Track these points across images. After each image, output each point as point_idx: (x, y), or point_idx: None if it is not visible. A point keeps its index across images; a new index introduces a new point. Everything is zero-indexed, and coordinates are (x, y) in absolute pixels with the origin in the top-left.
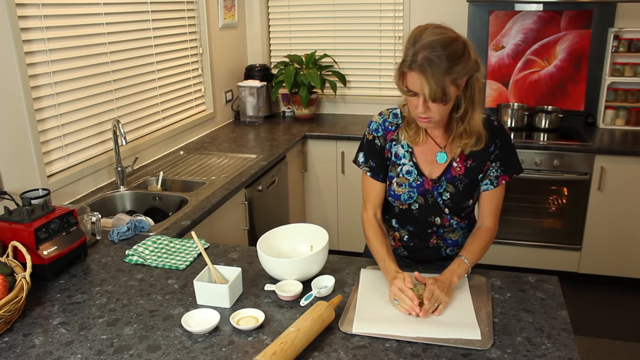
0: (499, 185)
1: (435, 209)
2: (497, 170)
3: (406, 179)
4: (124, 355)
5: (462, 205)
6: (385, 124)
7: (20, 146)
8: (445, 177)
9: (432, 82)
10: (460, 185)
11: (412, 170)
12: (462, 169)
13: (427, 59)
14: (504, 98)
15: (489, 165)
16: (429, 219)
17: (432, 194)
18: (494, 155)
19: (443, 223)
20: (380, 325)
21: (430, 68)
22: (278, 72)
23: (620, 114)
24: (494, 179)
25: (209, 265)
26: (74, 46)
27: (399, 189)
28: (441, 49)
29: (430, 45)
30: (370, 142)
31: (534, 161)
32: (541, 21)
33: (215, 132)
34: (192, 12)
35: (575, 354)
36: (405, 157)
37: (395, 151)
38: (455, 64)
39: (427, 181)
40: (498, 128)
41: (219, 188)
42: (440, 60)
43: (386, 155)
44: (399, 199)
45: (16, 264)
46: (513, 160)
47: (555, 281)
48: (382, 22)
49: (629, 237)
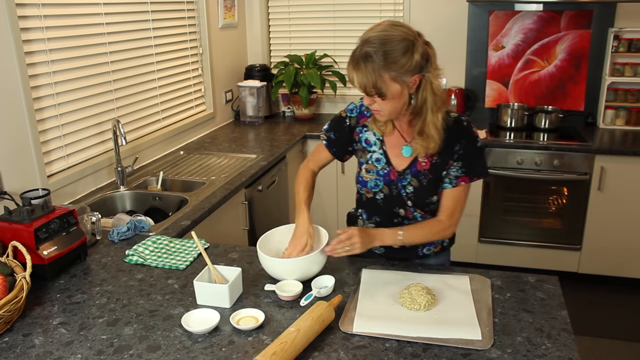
0: (457, 186)
1: (399, 201)
2: (458, 171)
3: (375, 166)
4: (124, 355)
5: (425, 200)
6: (361, 108)
7: (20, 146)
8: (410, 171)
9: (361, 76)
10: (425, 180)
11: (381, 158)
12: (427, 164)
13: (363, 53)
14: (504, 98)
15: (451, 163)
16: (393, 210)
17: (397, 186)
18: (458, 154)
19: (407, 215)
20: (381, 324)
21: (363, 62)
22: (278, 72)
23: (620, 114)
24: (453, 178)
25: (209, 265)
26: (74, 46)
27: (367, 176)
28: (379, 45)
29: (369, 40)
30: (340, 119)
31: (534, 161)
32: (541, 21)
33: (215, 132)
34: (192, 12)
35: (575, 354)
36: (376, 144)
37: (366, 137)
38: (392, 62)
39: (393, 172)
40: (465, 128)
41: (219, 188)
42: (376, 55)
43: (354, 137)
44: (366, 186)
45: (16, 264)
46: (477, 163)
47: (555, 281)
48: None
49: (629, 237)
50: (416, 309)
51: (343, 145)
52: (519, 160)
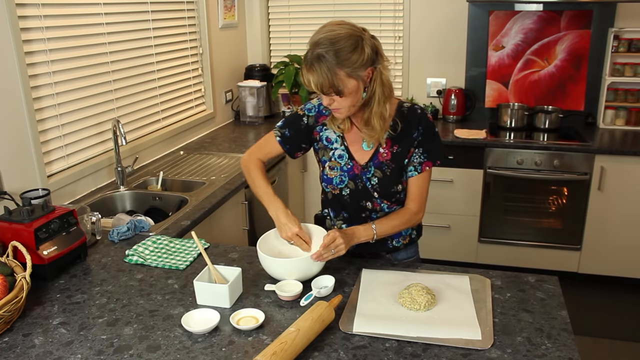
0: (423, 172)
1: (366, 194)
2: (421, 157)
3: (338, 162)
4: (124, 355)
5: (390, 190)
6: (320, 107)
7: (20, 146)
8: (373, 163)
9: (317, 76)
10: (388, 170)
11: (343, 154)
12: (388, 154)
13: (316, 55)
14: (504, 98)
15: (413, 151)
16: (360, 203)
17: (362, 179)
18: (417, 141)
19: (374, 207)
20: (381, 324)
21: (317, 64)
22: (278, 72)
23: (620, 114)
24: (417, 165)
25: (209, 265)
26: (74, 46)
27: (331, 173)
28: (329, 45)
29: (319, 42)
30: (297, 117)
31: (534, 161)
32: (541, 21)
33: (215, 132)
34: (192, 12)
35: (575, 354)
36: (337, 141)
37: (327, 135)
38: (346, 59)
39: (357, 166)
40: (420, 115)
41: (219, 188)
42: (328, 55)
43: (314, 136)
44: (331, 183)
45: (16, 264)
46: (435, 148)
47: (555, 281)
48: (382, 22)
49: (629, 237)
50: (416, 309)
51: (297, 142)
52: (519, 160)
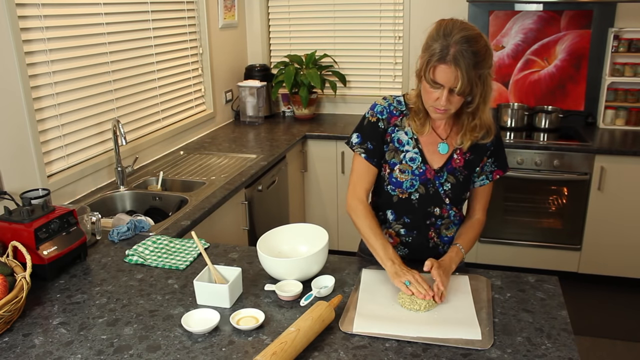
0: (493, 180)
1: (436, 199)
2: (492, 166)
3: (409, 166)
4: (124, 355)
5: (461, 196)
6: (390, 107)
7: (20, 146)
8: (446, 168)
9: (464, 76)
10: (461, 176)
11: (416, 157)
12: (461, 161)
13: (460, 52)
14: (504, 98)
15: (485, 160)
16: (428, 209)
17: (434, 184)
18: (490, 151)
19: (442, 214)
20: (381, 324)
21: (463, 62)
22: (278, 72)
23: (620, 114)
24: (489, 173)
25: (209, 265)
26: (74, 46)
27: (401, 176)
28: (473, 43)
29: (462, 40)
30: (372, 124)
31: (534, 161)
32: (541, 21)
33: (215, 132)
34: (192, 12)
35: (575, 354)
36: (409, 144)
37: (398, 137)
38: (481, 60)
39: (429, 170)
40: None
41: (219, 188)
42: (472, 55)
43: (386, 139)
44: (401, 187)
45: (16, 264)
46: (504, 156)
47: (555, 281)
48: (382, 22)
49: (629, 237)
50: (416, 309)
51: (381, 152)
52: (519, 160)
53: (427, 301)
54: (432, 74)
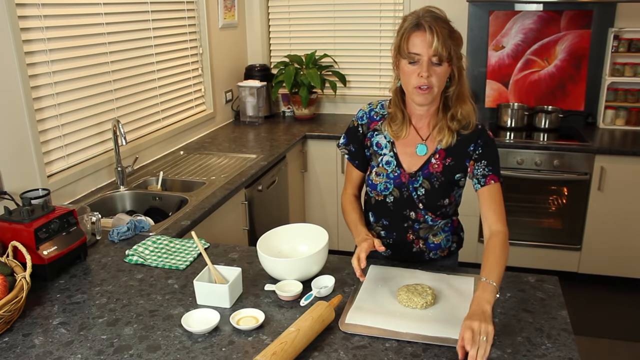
0: (487, 184)
1: (410, 203)
2: (485, 169)
3: (385, 169)
4: (124, 355)
5: (436, 202)
6: (371, 113)
7: (20, 146)
8: (422, 172)
9: (439, 37)
10: (437, 182)
11: (391, 161)
12: (440, 166)
13: (433, 19)
14: (504, 98)
15: (473, 164)
16: (403, 212)
17: (408, 188)
18: (477, 154)
19: (417, 218)
20: (373, 317)
21: (437, 26)
22: (278, 72)
23: (620, 114)
24: (480, 177)
25: (209, 265)
26: (74, 46)
27: (376, 179)
28: (444, 20)
29: (433, 16)
30: (353, 129)
31: (534, 161)
32: (541, 21)
33: (215, 132)
34: (192, 12)
35: (575, 354)
36: (386, 147)
37: (377, 141)
38: (454, 32)
39: (404, 174)
40: (480, 131)
41: (219, 188)
42: (444, 23)
43: (366, 143)
44: (376, 189)
45: (16, 264)
46: (498, 165)
47: (555, 281)
48: (382, 22)
49: (629, 237)
50: (412, 307)
51: (362, 155)
52: (519, 160)
53: (425, 299)
54: (408, 45)
